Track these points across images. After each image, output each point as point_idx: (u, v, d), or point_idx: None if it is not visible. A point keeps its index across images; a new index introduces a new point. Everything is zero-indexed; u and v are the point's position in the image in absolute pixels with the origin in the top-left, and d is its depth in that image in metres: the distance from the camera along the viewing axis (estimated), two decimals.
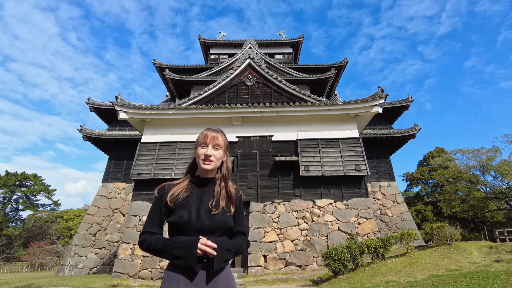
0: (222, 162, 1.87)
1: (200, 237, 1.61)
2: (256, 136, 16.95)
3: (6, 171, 49.20)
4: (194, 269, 1.58)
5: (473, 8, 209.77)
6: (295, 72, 26.41)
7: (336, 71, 25.63)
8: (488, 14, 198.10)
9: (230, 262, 1.78)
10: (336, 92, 31.15)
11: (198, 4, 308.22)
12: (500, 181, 25.32)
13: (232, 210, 1.80)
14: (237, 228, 1.83)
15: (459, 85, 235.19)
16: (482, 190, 27.35)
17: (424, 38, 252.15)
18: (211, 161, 1.78)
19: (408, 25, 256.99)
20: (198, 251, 1.56)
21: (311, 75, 25.68)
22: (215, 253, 1.58)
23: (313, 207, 15.37)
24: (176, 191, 1.75)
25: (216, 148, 1.80)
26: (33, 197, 52.16)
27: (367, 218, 15.00)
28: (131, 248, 14.65)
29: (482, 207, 28.73)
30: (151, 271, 14.07)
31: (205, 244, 1.57)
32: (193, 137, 16.67)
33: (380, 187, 23.26)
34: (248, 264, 13.87)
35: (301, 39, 33.09)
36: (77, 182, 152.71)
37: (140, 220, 15.34)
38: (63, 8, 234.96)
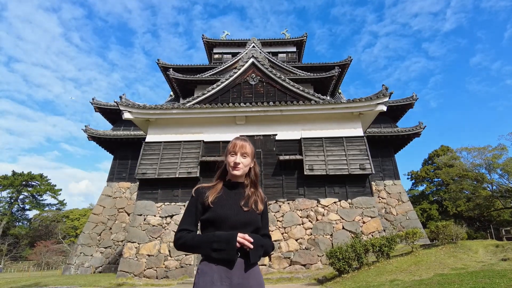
0: (250, 168, 2.06)
1: (237, 232, 1.76)
2: (260, 135, 16.95)
3: (13, 171, 49.73)
4: (233, 260, 1.72)
5: (478, 4, 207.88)
6: (298, 70, 26.36)
7: (340, 70, 25.54)
8: (494, 10, 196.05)
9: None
10: (340, 91, 31.05)
11: (201, 2, 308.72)
12: (506, 179, 25.11)
13: (261, 207, 1.98)
14: (264, 231, 2.00)
15: (464, 83, 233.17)
16: (488, 189, 27.16)
17: (429, 35, 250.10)
18: (240, 168, 1.97)
19: (412, 22, 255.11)
20: (237, 244, 1.71)
21: (315, 74, 25.62)
22: (252, 246, 1.73)
23: (317, 206, 15.35)
24: (213, 192, 1.93)
25: (244, 156, 1.99)
26: (39, 197, 52.68)
27: (371, 217, 14.95)
28: (136, 247, 14.74)
29: (488, 206, 28.53)
30: (156, 270, 14.15)
31: (244, 238, 1.73)
32: (197, 137, 16.74)
33: (384, 186, 23.16)
34: None
35: (305, 37, 33.03)
36: (80, 182, 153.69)
37: (145, 219, 15.42)
38: (66, 8, 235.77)
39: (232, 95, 18.40)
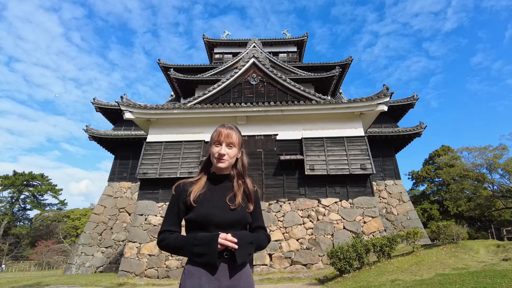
0: (237, 158, 1.87)
1: (219, 232, 1.61)
2: (261, 135, 16.95)
3: (14, 171, 49.85)
4: (215, 264, 1.58)
5: (479, 3, 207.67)
6: (299, 70, 26.35)
7: (340, 69, 25.53)
8: (495, 9, 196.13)
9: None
10: (341, 90, 31.04)
11: (201, 2, 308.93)
12: (507, 179, 25.02)
13: (251, 207, 1.82)
14: (257, 223, 1.85)
15: (465, 82, 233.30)
16: (489, 189, 27.07)
17: (430, 34, 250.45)
18: (225, 160, 1.78)
19: (413, 22, 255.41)
20: (219, 246, 1.56)
21: (316, 74, 25.61)
22: (236, 246, 1.58)
23: (318, 206, 15.35)
24: (196, 188, 1.75)
25: (230, 147, 1.80)
26: (40, 196, 52.75)
27: (372, 217, 14.95)
28: (137, 247, 14.76)
29: (489, 206, 28.44)
30: (157, 270, 14.17)
31: (225, 239, 1.57)
32: (198, 137, 16.74)
33: (385, 186, 23.15)
34: (254, 263, 13.90)
35: (306, 37, 33.01)
36: (81, 182, 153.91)
37: (146, 219, 15.44)
38: (66, 8, 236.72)
39: (233, 95, 18.41)
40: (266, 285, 11.67)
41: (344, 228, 14.71)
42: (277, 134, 16.92)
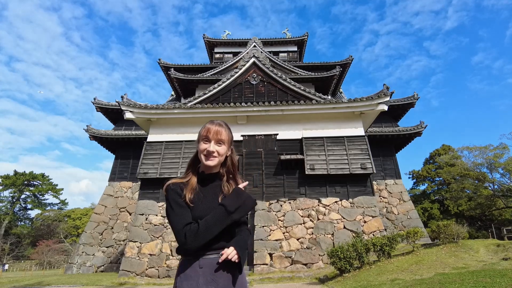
0: (226, 156, 1.80)
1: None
2: (261, 135, 16.97)
3: (15, 170, 49.90)
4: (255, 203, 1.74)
5: (480, 2, 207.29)
6: (299, 70, 26.35)
7: (341, 69, 25.51)
8: (496, 8, 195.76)
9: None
10: (341, 90, 31.03)
11: (201, 1, 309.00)
12: (508, 179, 25.07)
13: None
14: (242, 219, 1.81)
15: (466, 81, 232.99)
16: (490, 188, 27.10)
17: (430, 33, 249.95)
18: (214, 157, 1.72)
19: (413, 21, 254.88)
20: (220, 260, 1.57)
21: (316, 73, 25.61)
22: (237, 259, 1.59)
23: (318, 205, 15.37)
24: (188, 190, 1.69)
25: (220, 144, 1.73)
26: (41, 196, 52.83)
27: (373, 216, 14.96)
28: (138, 247, 14.79)
29: (489, 205, 28.47)
30: (157, 269, 14.20)
31: (225, 253, 1.57)
32: None
33: (386, 185, 23.14)
34: (254, 262, 13.92)
35: (306, 37, 33.01)
36: (81, 181, 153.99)
37: (146, 219, 15.47)
38: (66, 8, 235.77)
39: (233, 94, 18.42)
40: (266, 284, 11.71)
41: (344, 227, 14.73)
42: (277, 134, 16.94)
